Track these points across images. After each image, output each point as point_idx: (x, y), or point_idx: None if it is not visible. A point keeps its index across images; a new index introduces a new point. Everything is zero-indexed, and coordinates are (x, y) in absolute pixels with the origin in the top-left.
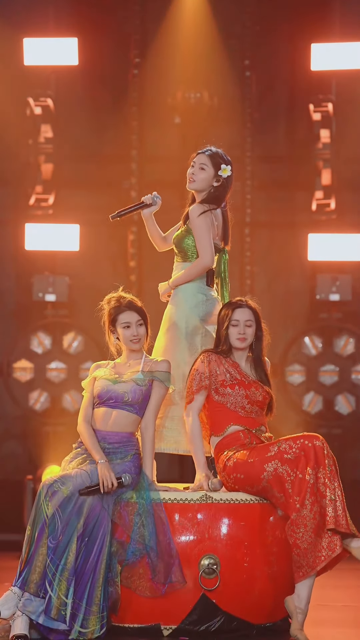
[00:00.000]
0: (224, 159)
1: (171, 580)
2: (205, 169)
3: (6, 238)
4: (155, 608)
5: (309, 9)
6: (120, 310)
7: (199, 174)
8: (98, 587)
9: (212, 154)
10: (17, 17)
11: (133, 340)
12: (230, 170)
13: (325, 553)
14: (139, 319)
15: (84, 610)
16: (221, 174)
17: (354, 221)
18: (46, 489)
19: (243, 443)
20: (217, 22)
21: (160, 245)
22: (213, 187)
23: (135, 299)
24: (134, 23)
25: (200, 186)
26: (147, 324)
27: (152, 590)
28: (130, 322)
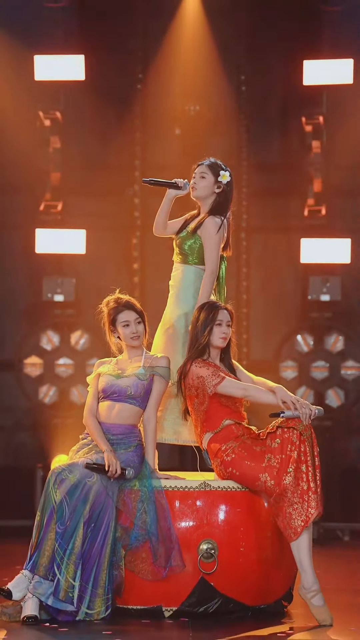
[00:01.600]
0: (222, 167)
1: (171, 564)
2: (205, 177)
3: (18, 242)
4: (156, 591)
5: (301, 28)
6: (118, 310)
7: (200, 182)
8: (103, 571)
9: (210, 164)
10: (29, 35)
11: (133, 337)
12: (230, 176)
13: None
14: (137, 317)
15: (90, 592)
16: (221, 180)
17: (344, 226)
18: (55, 477)
19: (237, 435)
20: (215, 40)
21: (159, 227)
22: (216, 194)
23: (132, 299)
24: (137, 41)
25: (203, 193)
26: (145, 321)
27: (154, 574)
28: (129, 321)
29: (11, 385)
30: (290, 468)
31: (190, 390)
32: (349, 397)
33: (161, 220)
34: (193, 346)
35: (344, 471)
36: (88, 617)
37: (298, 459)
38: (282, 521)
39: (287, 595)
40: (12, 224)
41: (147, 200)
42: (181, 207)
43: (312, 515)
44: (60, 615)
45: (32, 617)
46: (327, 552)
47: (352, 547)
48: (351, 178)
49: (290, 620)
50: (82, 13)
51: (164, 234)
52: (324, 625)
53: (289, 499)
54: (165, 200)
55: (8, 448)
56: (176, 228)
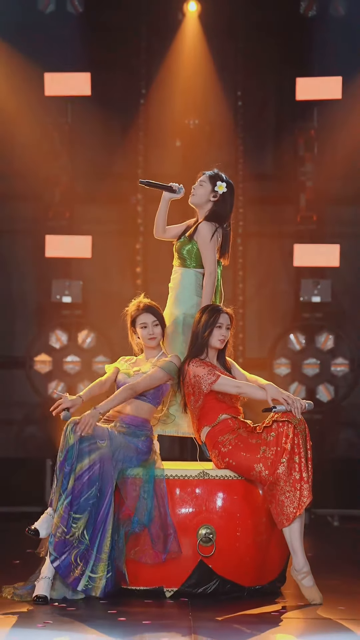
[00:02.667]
0: (221, 178)
1: (168, 550)
2: (203, 185)
3: (28, 247)
4: (158, 573)
5: (294, 48)
6: (138, 312)
7: (197, 189)
8: (107, 538)
9: (211, 174)
10: (40, 55)
11: (150, 338)
12: (226, 188)
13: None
14: (154, 320)
15: (94, 557)
16: (217, 190)
17: (333, 232)
18: (72, 424)
19: (233, 429)
20: (213, 59)
21: (159, 231)
22: (212, 203)
23: (152, 303)
24: (140, 59)
25: (198, 200)
26: (163, 324)
27: (153, 558)
28: (147, 323)
29: (22, 381)
30: (284, 459)
31: (187, 388)
32: (339, 393)
33: (160, 222)
34: (193, 345)
35: (334, 461)
36: (91, 582)
37: (291, 450)
38: (275, 508)
39: (280, 576)
40: (24, 230)
41: (149, 207)
42: (181, 214)
43: (304, 504)
44: (68, 578)
45: (42, 597)
46: (318, 536)
47: (342, 531)
48: (340, 187)
49: (283, 599)
50: (88, 33)
51: (164, 237)
52: (314, 604)
53: (281, 488)
54: (162, 203)
55: (19, 440)
56: (176, 233)
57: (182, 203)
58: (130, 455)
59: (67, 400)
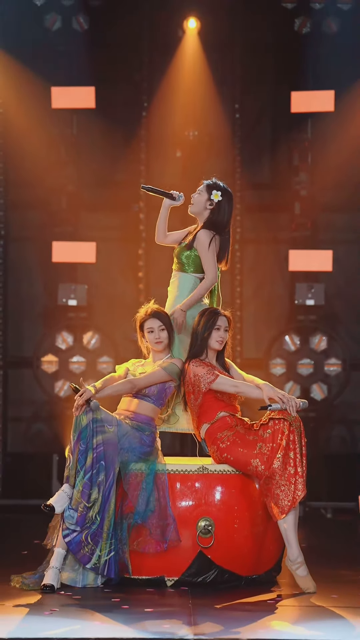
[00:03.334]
0: (218, 187)
1: (168, 538)
2: (200, 194)
3: (36, 252)
4: (159, 563)
5: (289, 63)
6: (146, 317)
7: (195, 198)
8: (108, 518)
9: (209, 184)
10: (47, 70)
11: (156, 342)
12: (222, 196)
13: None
14: (160, 325)
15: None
16: (212, 198)
17: (327, 239)
18: (86, 407)
19: (231, 426)
20: (212, 73)
21: (160, 236)
22: (209, 211)
23: (160, 308)
24: (142, 73)
25: (195, 209)
26: (170, 329)
27: (155, 547)
28: (154, 327)
29: (30, 380)
30: (279, 454)
31: (187, 387)
32: (332, 391)
33: (161, 228)
34: (193, 346)
35: (327, 456)
36: (98, 559)
37: (287, 446)
38: (271, 501)
39: (276, 566)
40: (31, 237)
41: (151, 215)
42: (181, 221)
43: (299, 497)
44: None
45: (50, 586)
46: (312, 528)
47: (334, 523)
48: (333, 196)
49: (278, 588)
50: (93, 49)
51: (165, 243)
52: (308, 592)
53: (276, 482)
54: (162, 210)
55: (27, 436)
56: (177, 238)
57: (181, 210)
58: (134, 446)
59: (89, 391)
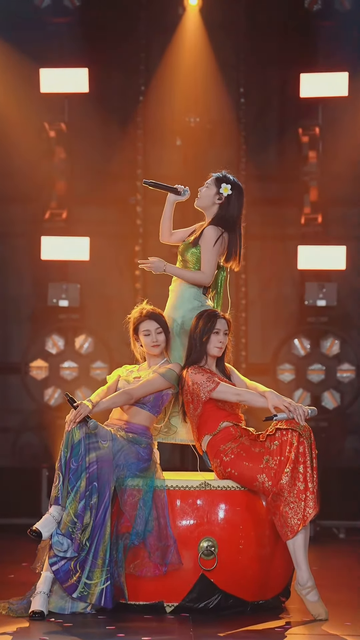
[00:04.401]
0: (227, 180)
1: (168, 561)
2: (208, 187)
3: (24, 249)
4: (158, 587)
5: (298, 43)
6: (141, 319)
7: (203, 191)
8: (104, 543)
9: (218, 176)
10: (35, 50)
11: (153, 345)
12: (231, 190)
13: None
14: (157, 327)
15: (90, 563)
16: (221, 192)
17: (339, 234)
18: (83, 425)
19: (235, 437)
20: (215, 54)
21: (164, 233)
22: (217, 206)
23: (156, 309)
24: (139, 55)
25: (202, 203)
26: (167, 332)
27: (153, 571)
28: (150, 330)
29: (17, 387)
30: (288, 469)
31: (186, 396)
32: (345, 399)
33: (165, 226)
34: (190, 353)
35: (340, 470)
36: (87, 589)
37: (295, 459)
38: (279, 520)
39: (284, 591)
40: (19, 232)
41: (149, 208)
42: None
43: (310, 515)
44: (65, 583)
45: (39, 612)
46: (323, 549)
47: (348, 544)
48: (346, 187)
49: (287, 615)
50: (86, 28)
51: (170, 241)
52: (320, 619)
53: (285, 499)
54: (167, 205)
55: (14, 448)
56: (182, 236)
57: (182, 206)
58: (131, 462)
59: (86, 408)
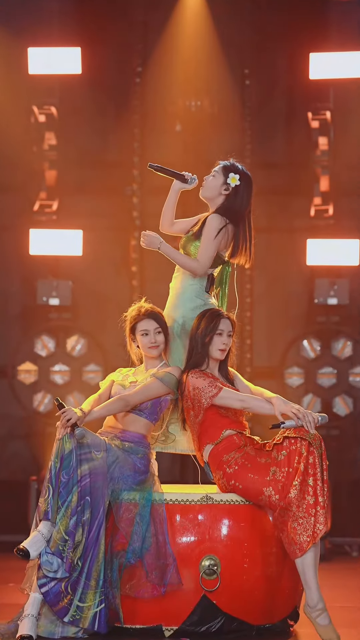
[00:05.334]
0: (235, 169)
1: (167, 582)
2: (215, 177)
3: (11, 243)
4: (156, 609)
5: (308, 20)
6: (139, 318)
7: (209, 181)
8: (97, 563)
9: (225, 165)
10: (22, 27)
11: (151, 346)
12: (240, 181)
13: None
14: (157, 327)
15: (82, 584)
16: (229, 182)
17: (352, 227)
18: (70, 428)
19: (239, 446)
20: (217, 32)
21: (165, 223)
22: (223, 196)
23: (155, 308)
24: (136, 33)
25: (208, 193)
26: (166, 332)
27: (151, 592)
28: (148, 330)
29: (4, 392)
30: (296, 481)
31: (186, 402)
32: (358, 405)
33: (167, 214)
34: (191, 355)
35: (353, 483)
36: (79, 612)
37: (305, 471)
38: (287, 537)
39: (293, 613)
40: (5, 225)
41: (146, 199)
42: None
43: (320, 532)
44: (54, 607)
45: (27, 637)
46: (334, 568)
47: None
48: (359, 176)
49: (296, 639)
50: (78, 4)
51: (171, 231)
52: None
53: (293, 514)
54: (171, 192)
55: (1, 459)
56: (185, 227)
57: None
58: (127, 474)
59: (74, 414)
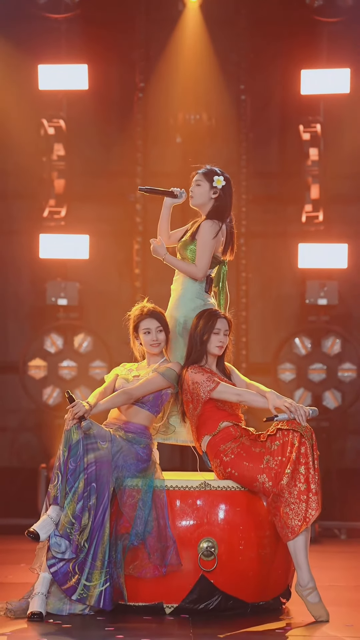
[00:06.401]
0: (217, 172)
1: (167, 562)
2: (200, 184)
3: (22, 247)
4: (158, 588)
5: (299, 39)
6: (142, 317)
7: (196, 190)
8: (102, 545)
9: (205, 171)
10: (33, 45)
11: (152, 344)
12: (224, 181)
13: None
14: (158, 326)
15: (89, 564)
16: (216, 185)
17: (340, 232)
18: (77, 420)
19: (235, 437)
20: (215, 50)
21: (162, 237)
22: (213, 200)
23: (157, 307)
24: (139, 51)
25: (199, 200)
26: (167, 330)
27: (153, 572)
28: (150, 328)
29: (16, 387)
30: (288, 469)
31: (186, 396)
32: (346, 399)
33: (163, 229)
34: (191, 352)
35: (341, 471)
36: (86, 590)
37: (297, 460)
38: (279, 521)
39: (285, 592)
40: (17, 230)
41: (148, 206)
42: (183, 215)
43: (312, 517)
44: (63, 585)
45: (38, 614)
46: (324, 550)
47: (349, 545)
48: (348, 185)
49: (288, 616)
50: (85, 24)
51: (169, 244)
52: (321, 621)
53: (285, 499)
54: (164, 210)
55: (12, 448)
56: (180, 237)
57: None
58: (130, 462)
59: (82, 407)
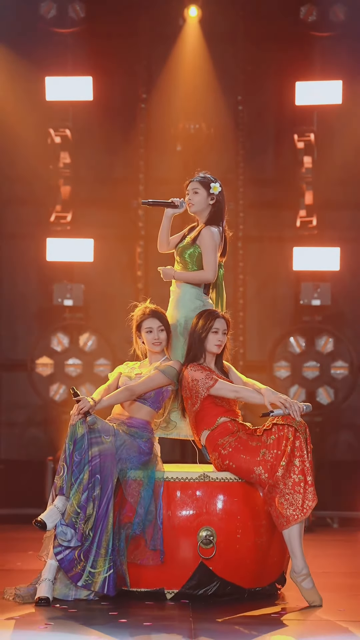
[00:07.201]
0: (212, 179)
1: (155, 547)
2: (198, 192)
3: (30, 251)
4: (159, 575)
5: (294, 52)
6: (144, 317)
7: (194, 197)
8: (106, 533)
9: (200, 179)
10: (40, 58)
11: (154, 343)
12: (220, 187)
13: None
14: (159, 325)
15: (94, 552)
16: (213, 192)
17: (333, 236)
18: (83, 415)
19: (232, 431)
20: (214, 63)
21: (163, 245)
22: (211, 206)
23: (158, 308)
24: (141, 64)
25: (199, 207)
26: (168, 330)
27: (154, 559)
28: (152, 328)
29: (24, 383)
30: (283, 462)
31: (185, 392)
32: (338, 395)
33: (164, 238)
34: (190, 350)
35: (334, 463)
36: (91, 577)
37: (291, 453)
38: (275, 511)
39: (280, 578)
40: (25, 234)
41: (150, 211)
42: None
43: (309, 507)
44: (69, 572)
45: (45, 599)
46: (317, 538)
47: (341, 533)
48: (340, 191)
49: (283, 601)
50: (90, 38)
51: (169, 251)
52: (314, 605)
53: (280, 490)
54: (165, 219)
55: (21, 442)
56: (177, 242)
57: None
58: (133, 455)
59: (87, 403)
